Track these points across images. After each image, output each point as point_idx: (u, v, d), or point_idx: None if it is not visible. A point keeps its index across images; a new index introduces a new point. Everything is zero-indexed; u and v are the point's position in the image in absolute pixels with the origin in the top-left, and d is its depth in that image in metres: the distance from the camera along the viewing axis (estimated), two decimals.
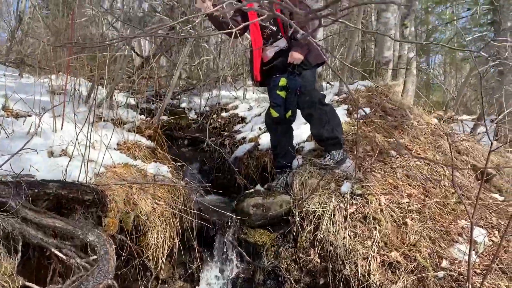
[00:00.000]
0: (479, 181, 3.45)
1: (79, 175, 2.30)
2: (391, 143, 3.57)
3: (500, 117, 5.00)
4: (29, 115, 3.43)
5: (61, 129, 3.16)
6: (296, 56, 3.08)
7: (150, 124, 4.17)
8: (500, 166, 3.73)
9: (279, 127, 3.36)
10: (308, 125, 3.92)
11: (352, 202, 2.93)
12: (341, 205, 2.92)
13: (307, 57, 3.12)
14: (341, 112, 4.00)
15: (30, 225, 1.83)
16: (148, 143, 3.77)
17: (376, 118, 3.86)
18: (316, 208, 2.91)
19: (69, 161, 2.36)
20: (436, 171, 3.33)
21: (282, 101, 3.17)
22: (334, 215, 2.88)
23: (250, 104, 5.52)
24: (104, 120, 3.86)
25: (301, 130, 3.86)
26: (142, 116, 4.34)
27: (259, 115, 4.84)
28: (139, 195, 2.74)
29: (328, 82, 5.24)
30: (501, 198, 3.31)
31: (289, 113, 3.20)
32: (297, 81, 3.11)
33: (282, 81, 3.14)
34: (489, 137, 2.42)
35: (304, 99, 3.16)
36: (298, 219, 2.96)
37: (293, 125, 4.02)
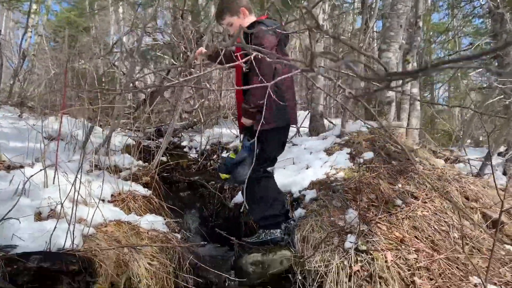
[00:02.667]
0: (490, 231, 3.29)
1: (65, 241, 2.16)
2: (396, 190, 3.43)
3: (508, 155, 4.86)
4: (21, 166, 3.34)
5: (53, 183, 3.05)
6: (244, 121, 2.94)
7: (147, 170, 4.06)
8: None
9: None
10: (310, 171, 3.81)
11: (357, 259, 2.77)
12: (345, 262, 2.76)
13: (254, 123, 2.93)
14: (343, 156, 3.88)
15: None
16: (144, 191, 3.66)
17: (380, 162, 3.73)
18: (318, 266, 2.75)
19: (56, 225, 2.24)
20: (444, 221, 3.18)
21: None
22: (338, 273, 2.72)
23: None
24: (99, 169, 3.75)
25: (302, 176, 3.73)
26: (140, 162, 4.23)
27: None
28: (131, 256, 2.60)
29: (330, 121, 5.14)
30: None
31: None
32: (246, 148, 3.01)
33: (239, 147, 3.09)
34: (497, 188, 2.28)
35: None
36: (299, 277, 2.79)
37: (295, 171, 3.92)
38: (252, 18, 3.04)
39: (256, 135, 2.60)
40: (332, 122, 5.08)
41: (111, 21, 15.06)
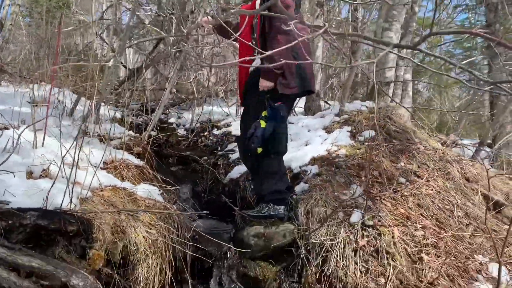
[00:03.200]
0: (490, 212, 3.26)
1: (62, 201, 1.99)
2: (399, 168, 3.36)
3: (500, 142, 4.88)
4: (6, 128, 3.11)
5: (43, 145, 2.85)
6: (263, 84, 2.74)
7: (139, 141, 3.87)
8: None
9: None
10: (309, 147, 3.70)
11: (363, 234, 2.68)
12: (351, 237, 2.67)
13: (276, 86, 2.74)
14: (344, 134, 3.79)
15: (2, 265, 1.52)
16: (137, 161, 3.48)
17: (381, 141, 3.65)
18: (324, 240, 2.64)
19: (52, 184, 2.06)
20: (448, 200, 3.13)
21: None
22: (343, 248, 2.62)
23: None
24: (90, 136, 3.55)
25: (304, 152, 3.62)
26: (131, 132, 4.03)
27: None
28: (128, 223, 2.44)
29: (326, 102, 5.04)
30: None
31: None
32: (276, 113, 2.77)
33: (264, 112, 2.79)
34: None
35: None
36: (303, 251, 2.69)
37: (294, 147, 3.80)
38: None
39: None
40: (328, 103, 4.98)
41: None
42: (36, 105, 3.96)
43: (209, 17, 3.14)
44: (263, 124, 2.71)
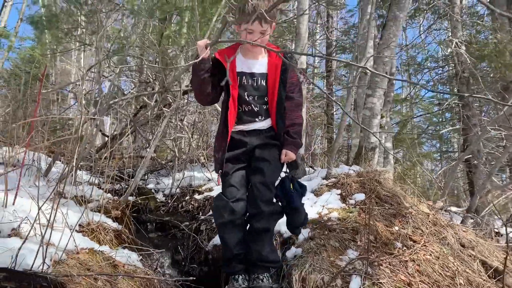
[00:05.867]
0: (492, 279, 3.11)
1: (33, 261, 1.74)
2: (394, 233, 3.21)
3: (487, 210, 4.84)
4: None
5: (13, 203, 2.60)
6: (291, 156, 2.60)
7: (117, 204, 3.64)
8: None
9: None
10: (307, 206, 3.53)
11: None
12: None
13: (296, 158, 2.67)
14: (334, 197, 3.66)
15: None
16: (115, 225, 3.24)
17: (373, 204, 3.53)
18: None
19: (23, 243, 1.81)
20: (448, 266, 2.96)
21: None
22: None
23: None
24: (66, 198, 3.31)
25: None
26: (109, 195, 3.81)
27: None
28: None
29: (311, 167, 4.96)
30: None
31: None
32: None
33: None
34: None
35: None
36: None
37: None
38: None
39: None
40: (312, 167, 4.90)
41: (73, 69, 14.60)
42: (7, 166, 3.73)
43: (206, 41, 2.58)
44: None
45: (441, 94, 10.99)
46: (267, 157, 2.56)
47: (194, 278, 2.46)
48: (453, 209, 4.65)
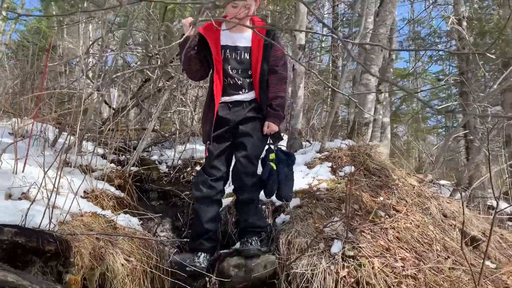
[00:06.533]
0: (468, 246, 3.32)
1: (41, 221, 1.96)
2: (378, 203, 3.41)
3: (476, 183, 5.02)
4: None
5: (23, 171, 2.82)
6: (273, 128, 2.77)
7: (120, 173, 3.87)
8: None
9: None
10: (298, 178, 3.73)
11: (344, 264, 2.68)
12: (332, 267, 2.67)
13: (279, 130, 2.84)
14: (324, 169, 3.86)
15: None
16: (118, 192, 3.46)
17: (361, 177, 3.72)
18: (305, 270, 2.64)
19: (31, 204, 2.04)
20: (427, 234, 3.17)
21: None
22: (324, 279, 2.62)
23: None
24: (71, 166, 3.53)
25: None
26: (112, 165, 4.03)
27: None
28: (107, 249, 2.40)
29: (307, 141, 5.14)
30: (492, 266, 3.15)
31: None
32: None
33: (272, 155, 2.82)
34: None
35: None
36: (284, 282, 2.66)
37: None
38: None
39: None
40: (309, 141, 5.08)
41: (80, 41, 14.67)
42: (17, 136, 3.96)
43: (189, 19, 2.69)
44: (274, 167, 2.76)
45: (447, 70, 10.94)
46: (250, 132, 2.74)
47: (188, 240, 2.69)
48: (442, 182, 4.82)
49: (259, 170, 2.87)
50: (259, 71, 2.68)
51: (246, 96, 2.79)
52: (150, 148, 6.29)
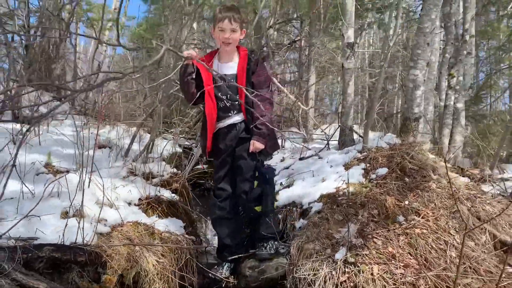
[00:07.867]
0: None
1: (76, 237, 2.61)
2: (402, 207, 3.50)
3: None
4: (68, 171, 3.89)
5: (88, 187, 3.55)
6: (257, 146, 3.16)
7: (178, 177, 4.48)
8: None
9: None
10: (324, 184, 3.99)
11: (345, 270, 2.93)
12: (333, 272, 2.93)
13: (266, 147, 3.23)
14: (358, 171, 4.00)
15: (20, 286, 2.14)
16: (171, 197, 4.04)
17: (392, 179, 3.80)
18: (307, 274, 2.95)
19: (79, 222, 2.70)
20: (444, 239, 3.21)
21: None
22: (325, 282, 2.91)
23: (284, 154, 5.66)
24: (135, 175, 4.23)
25: (317, 188, 3.91)
26: (174, 170, 4.68)
27: (288, 167, 4.93)
28: (141, 253, 3.00)
29: (359, 135, 5.24)
30: None
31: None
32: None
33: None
34: None
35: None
36: (291, 285, 3.02)
37: (311, 183, 4.12)
38: None
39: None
40: (361, 136, 5.17)
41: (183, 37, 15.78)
42: (100, 148, 4.81)
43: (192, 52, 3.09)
44: (255, 184, 3.24)
45: None
46: (243, 154, 3.20)
47: (207, 246, 3.19)
48: (506, 176, 4.57)
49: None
50: (244, 95, 3.05)
51: (237, 118, 3.26)
52: None
